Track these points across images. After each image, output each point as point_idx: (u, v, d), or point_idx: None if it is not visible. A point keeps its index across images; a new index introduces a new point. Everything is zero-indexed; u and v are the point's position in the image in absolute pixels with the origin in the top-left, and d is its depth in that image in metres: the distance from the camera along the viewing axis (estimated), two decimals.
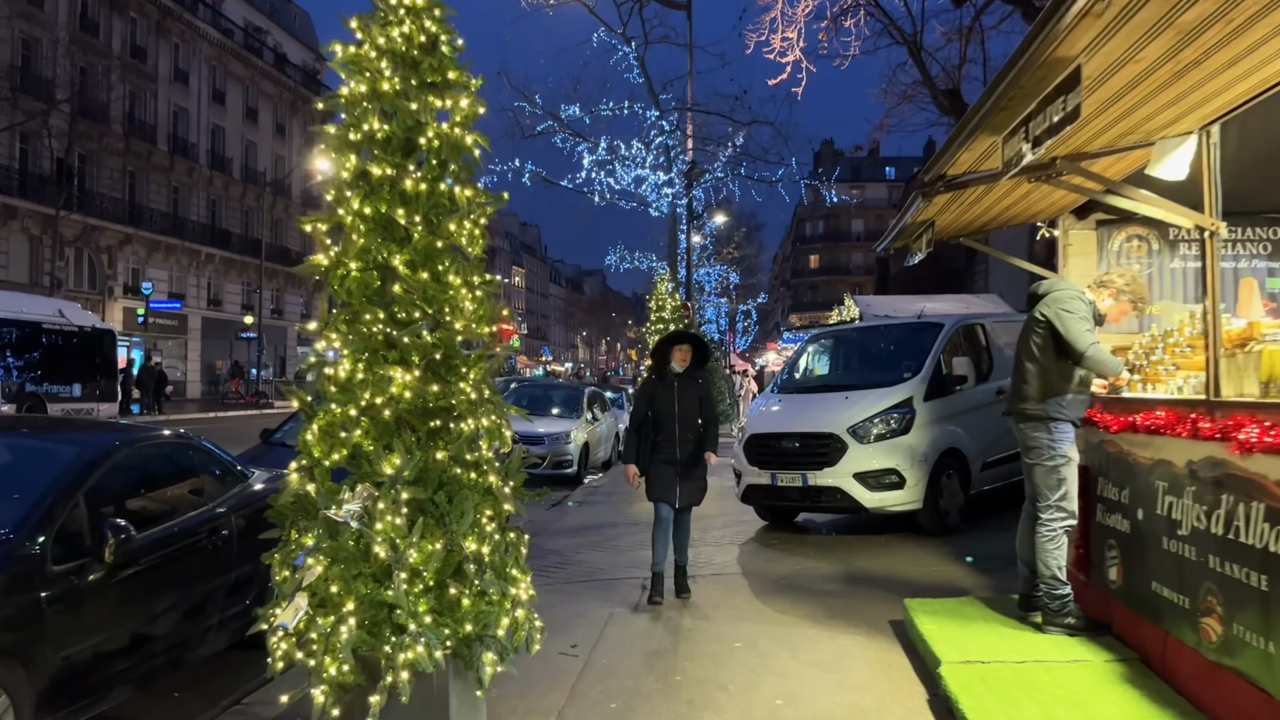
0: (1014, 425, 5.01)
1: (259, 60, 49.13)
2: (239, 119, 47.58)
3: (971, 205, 5.48)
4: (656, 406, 6.27)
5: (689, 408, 6.21)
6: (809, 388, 9.86)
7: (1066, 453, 4.79)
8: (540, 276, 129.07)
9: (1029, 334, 4.93)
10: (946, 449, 8.55)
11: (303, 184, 53.43)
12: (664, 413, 6.23)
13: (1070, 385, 4.81)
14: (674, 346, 6.33)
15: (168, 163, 41.67)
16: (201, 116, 44.44)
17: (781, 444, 8.70)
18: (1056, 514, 4.79)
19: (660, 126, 16.38)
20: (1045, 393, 4.82)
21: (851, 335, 10.95)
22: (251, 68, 48.37)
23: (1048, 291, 4.93)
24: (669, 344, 6.39)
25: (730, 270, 29.60)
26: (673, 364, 6.26)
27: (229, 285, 46.63)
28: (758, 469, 8.81)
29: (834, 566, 7.41)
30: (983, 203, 5.43)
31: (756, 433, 9.02)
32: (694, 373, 6.28)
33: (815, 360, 11.26)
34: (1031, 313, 4.94)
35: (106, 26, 38.15)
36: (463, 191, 3.81)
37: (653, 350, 6.69)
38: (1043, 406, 4.81)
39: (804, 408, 9.11)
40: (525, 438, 14.38)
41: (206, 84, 44.84)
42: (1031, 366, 4.87)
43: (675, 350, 6.28)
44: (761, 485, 8.81)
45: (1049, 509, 4.81)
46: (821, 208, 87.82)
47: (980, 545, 7.98)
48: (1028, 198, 5.45)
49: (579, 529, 10.06)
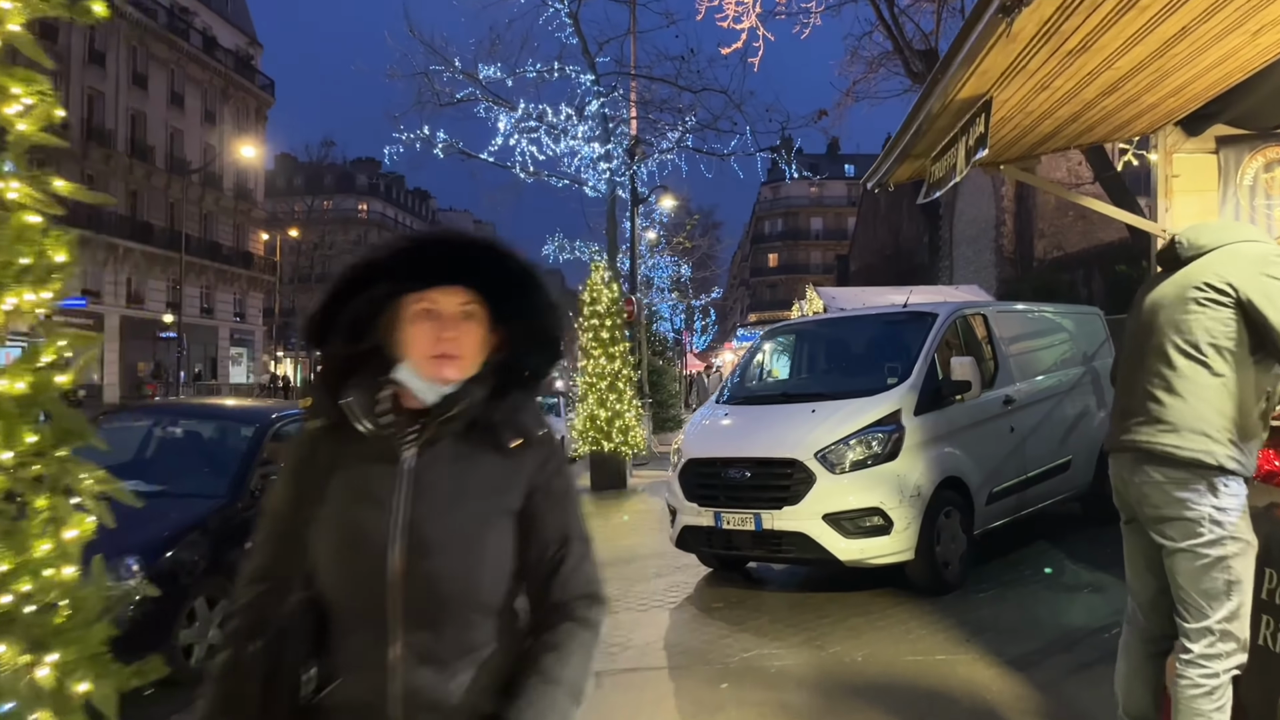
0: (1129, 472, 2.96)
1: (184, 43, 46.09)
2: (162, 105, 44.55)
3: (1050, 83, 3.37)
4: (335, 540, 1.49)
5: (458, 559, 1.46)
6: (765, 397, 7.74)
7: (1242, 532, 2.72)
8: None
9: (1178, 320, 2.85)
10: (944, 478, 6.48)
11: (235, 175, 50.51)
12: (354, 575, 1.47)
13: (1257, 413, 2.73)
14: (413, 293, 1.50)
15: (80, 150, 38.57)
16: (119, 101, 41.38)
17: (728, 473, 6.56)
18: (1219, 646, 2.68)
19: (596, 92, 14.18)
20: (1218, 424, 2.73)
21: (821, 330, 8.80)
22: (177, 50, 45.34)
23: (1219, 245, 2.83)
24: (391, 269, 1.50)
25: (680, 262, 27.23)
26: (409, 374, 1.50)
27: (152, 282, 43.56)
28: (697, 505, 6.66)
29: (799, 654, 5.27)
30: (1062, 85, 3.32)
31: (695, 457, 6.87)
32: (500, 410, 1.53)
33: (774, 361, 9.14)
34: (1188, 282, 2.85)
35: None
36: None
37: (309, 324, 1.52)
38: (1210, 447, 2.71)
39: (758, 424, 6.98)
40: None
41: (125, 66, 41.78)
42: (1188, 376, 2.80)
43: (417, 314, 1.49)
44: (701, 528, 6.66)
45: (1204, 637, 2.70)
46: (780, 205, 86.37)
47: (991, 610, 5.93)
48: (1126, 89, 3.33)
49: None
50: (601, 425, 13.13)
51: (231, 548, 5.60)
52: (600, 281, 13.45)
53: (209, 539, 5.44)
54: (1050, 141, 4.13)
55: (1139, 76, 3.33)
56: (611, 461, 13.21)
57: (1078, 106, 3.57)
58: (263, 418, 6.50)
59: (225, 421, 6.60)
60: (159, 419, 6.71)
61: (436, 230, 1.58)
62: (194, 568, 5.29)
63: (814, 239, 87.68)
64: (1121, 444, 2.96)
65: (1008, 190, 35.19)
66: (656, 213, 21.64)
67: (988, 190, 36.54)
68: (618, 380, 13.34)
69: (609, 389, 13.26)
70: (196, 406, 7.12)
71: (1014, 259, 34.06)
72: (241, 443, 6.17)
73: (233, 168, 49.89)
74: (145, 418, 6.85)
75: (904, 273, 40.55)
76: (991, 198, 36.03)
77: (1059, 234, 32.54)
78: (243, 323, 52.31)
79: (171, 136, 45.32)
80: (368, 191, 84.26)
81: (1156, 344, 2.88)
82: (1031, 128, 3.73)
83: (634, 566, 7.94)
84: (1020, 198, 34.69)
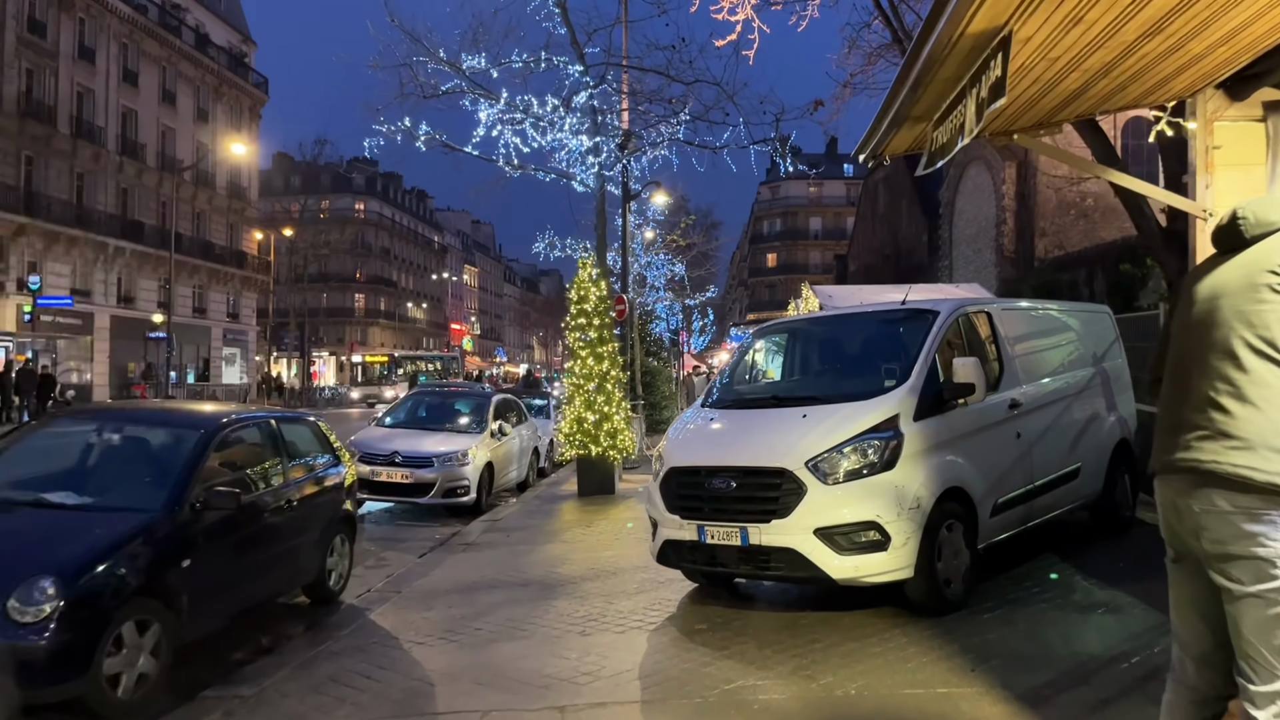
0: (1184, 498, 2.45)
1: (176, 40, 45.59)
2: (154, 102, 44.02)
3: (1084, 14, 2.87)
4: None
5: None
6: (754, 400, 7.25)
7: None
8: (494, 276, 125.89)
9: (1248, 311, 2.36)
10: (946, 489, 5.98)
11: (229, 173, 50.01)
12: None
13: None
14: None
15: (69, 147, 38.09)
16: (110, 98, 40.85)
17: (713, 483, 6.06)
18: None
19: (584, 84, 13.69)
20: None
21: (814, 329, 8.28)
22: (168, 47, 44.85)
23: None
24: None
25: (674, 260, 26.56)
26: None
27: (143, 281, 43.07)
28: (679, 518, 6.17)
29: (786, 686, 4.78)
30: (1097, 18, 2.81)
31: (678, 465, 6.38)
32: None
33: (765, 361, 8.66)
34: (1258, 266, 2.38)
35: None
36: None
37: None
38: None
39: (746, 430, 6.49)
40: (410, 459, 11.69)
41: (116, 63, 41.26)
42: (1264, 380, 2.32)
43: None
44: (684, 542, 6.16)
45: (1275, 703, 2.22)
46: (779, 205, 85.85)
47: (997, 634, 5.45)
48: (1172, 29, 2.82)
49: (444, 591, 7.37)
50: (589, 429, 12.62)
51: (167, 566, 5.12)
52: (588, 279, 12.95)
53: (140, 557, 4.95)
54: (1074, 105, 3.57)
55: (1190, 12, 2.81)
56: (599, 466, 12.71)
57: (1112, 54, 3.05)
58: (210, 423, 6.03)
59: (170, 427, 6.10)
60: (101, 424, 6.23)
61: None
62: (122, 589, 4.79)
63: (813, 239, 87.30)
64: (1175, 464, 2.45)
65: (1008, 188, 34.77)
66: (650, 210, 21.11)
67: (988, 189, 36.10)
68: (606, 381, 12.83)
69: (597, 390, 12.75)
70: (141, 411, 6.59)
71: (1014, 258, 33.62)
72: (184, 450, 5.69)
73: (226, 166, 49.39)
74: (87, 423, 6.36)
75: (903, 272, 40.20)
76: (992, 196, 35.59)
77: (1060, 233, 32.07)
78: (236, 323, 51.79)
79: (163, 134, 44.79)
80: (365, 191, 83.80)
81: (1220, 341, 2.37)
82: (1054, 83, 3.20)
83: (615, 581, 7.47)
84: (1021, 196, 34.24)
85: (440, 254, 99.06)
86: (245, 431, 6.45)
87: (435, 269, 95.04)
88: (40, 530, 4.96)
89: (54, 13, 37.49)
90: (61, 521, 5.05)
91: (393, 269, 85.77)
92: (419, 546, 9.94)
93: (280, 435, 6.68)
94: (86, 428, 6.19)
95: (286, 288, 58.84)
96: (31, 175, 36.56)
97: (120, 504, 5.27)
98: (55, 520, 5.07)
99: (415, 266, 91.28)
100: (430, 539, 10.46)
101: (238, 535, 5.79)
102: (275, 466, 6.49)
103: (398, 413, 13.81)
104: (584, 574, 7.85)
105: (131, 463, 5.82)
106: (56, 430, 6.33)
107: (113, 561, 4.79)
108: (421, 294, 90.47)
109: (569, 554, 8.82)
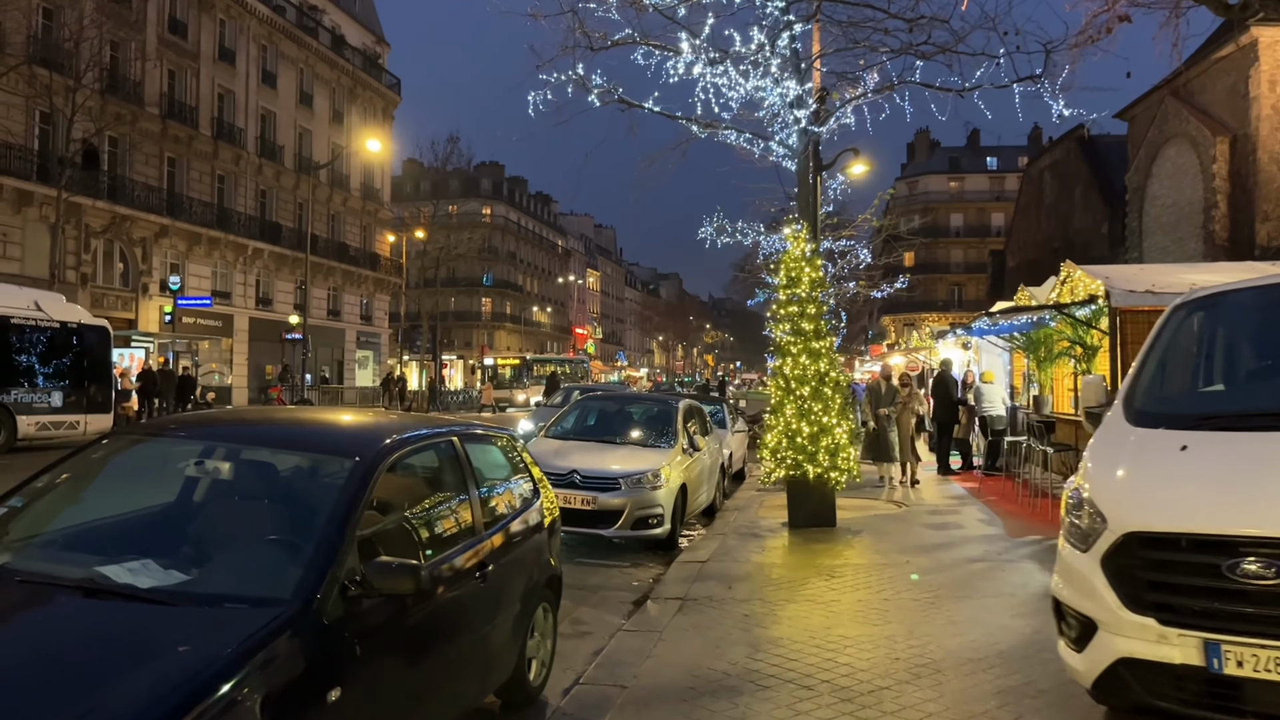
0: None
1: (314, 41, 45.44)
2: (291, 104, 43.91)
3: None
4: None
5: None
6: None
7: None
8: (615, 280, 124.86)
9: None
10: None
11: (363, 174, 49.79)
12: None
13: None
14: None
15: (211, 149, 38.02)
16: (249, 100, 40.80)
17: (1242, 565, 3.39)
18: None
19: (786, 22, 11.18)
20: None
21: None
22: (305, 49, 44.70)
23: None
24: None
25: (862, 245, 23.46)
26: None
27: (280, 283, 42.90)
28: (1154, 621, 3.52)
29: None
30: None
31: (1154, 530, 3.67)
32: None
33: (1227, 349, 5.91)
34: None
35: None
36: None
37: None
38: None
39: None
40: (591, 480, 9.38)
41: (255, 65, 41.21)
42: None
43: None
44: (1166, 666, 3.51)
45: None
46: (917, 201, 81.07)
47: None
48: None
49: (685, 688, 4.94)
50: (803, 444, 10.07)
51: (301, 708, 2.88)
52: (800, 256, 10.41)
53: (256, 693, 2.70)
54: None
55: None
56: (816, 492, 10.13)
57: None
58: (368, 446, 3.75)
59: (308, 452, 3.91)
60: (205, 444, 4.04)
61: None
62: None
63: (954, 236, 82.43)
64: None
65: (1220, 167, 30.39)
66: (833, 185, 18.35)
67: (1192, 169, 31.71)
68: (824, 385, 10.26)
69: (813, 396, 10.19)
70: (264, 425, 4.20)
71: (1228, 246, 29.28)
72: (330, 492, 3.44)
73: (360, 168, 49.14)
74: (184, 441, 4.17)
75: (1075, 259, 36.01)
76: (1198, 177, 31.23)
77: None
78: (369, 325, 51.50)
79: (300, 136, 44.66)
80: (491, 195, 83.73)
81: None
82: None
83: (949, 684, 4.89)
84: (1236, 175, 29.87)
85: (564, 258, 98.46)
86: (419, 456, 4.18)
87: (559, 273, 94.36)
88: (87, 640, 2.79)
89: (194, 13, 37.49)
90: (125, 624, 2.86)
91: (518, 273, 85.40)
92: (617, 599, 7.61)
93: (467, 460, 4.40)
94: (183, 449, 4.01)
95: (416, 291, 58.46)
96: (173, 177, 36.58)
97: (226, 589, 3.05)
98: (115, 620, 2.88)
99: (540, 270, 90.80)
100: (626, 586, 8.13)
101: (412, 631, 3.52)
102: (463, 511, 4.22)
103: (566, 420, 11.42)
104: (885, 667, 5.33)
105: (247, 513, 3.59)
106: (141, 452, 4.10)
107: (207, 708, 2.54)
108: (546, 298, 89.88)
109: (834, 625, 6.32)
